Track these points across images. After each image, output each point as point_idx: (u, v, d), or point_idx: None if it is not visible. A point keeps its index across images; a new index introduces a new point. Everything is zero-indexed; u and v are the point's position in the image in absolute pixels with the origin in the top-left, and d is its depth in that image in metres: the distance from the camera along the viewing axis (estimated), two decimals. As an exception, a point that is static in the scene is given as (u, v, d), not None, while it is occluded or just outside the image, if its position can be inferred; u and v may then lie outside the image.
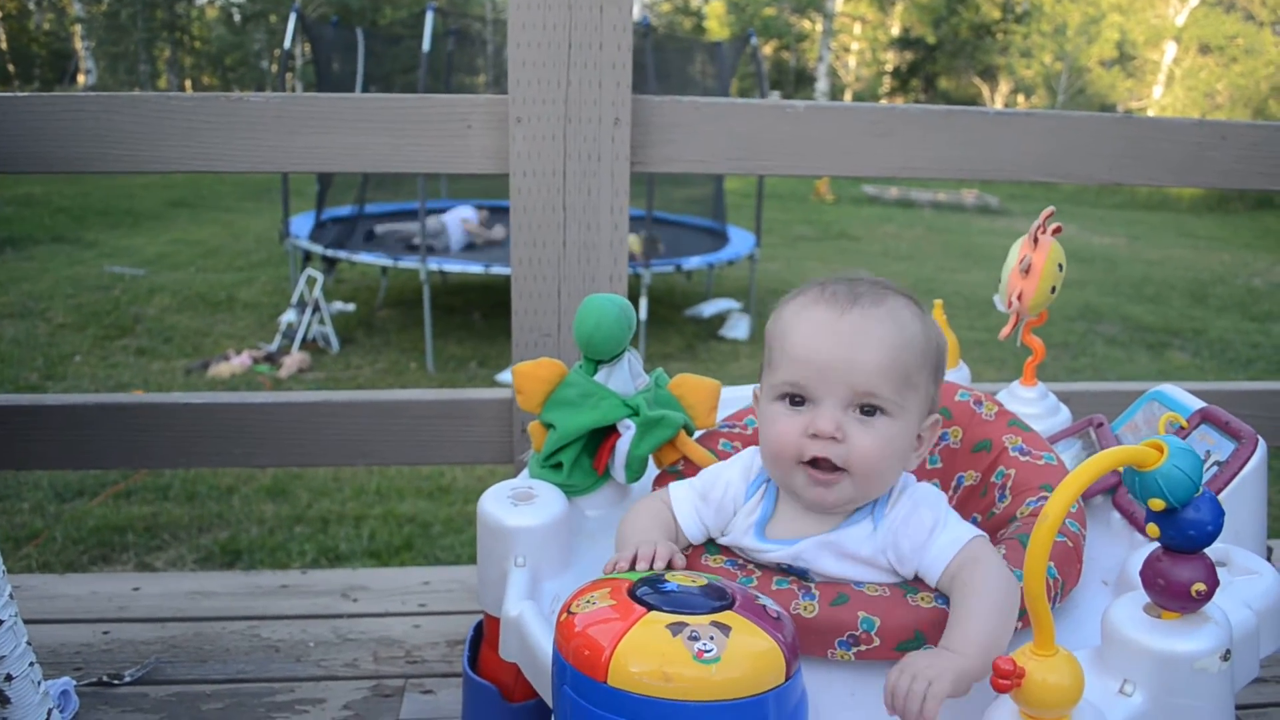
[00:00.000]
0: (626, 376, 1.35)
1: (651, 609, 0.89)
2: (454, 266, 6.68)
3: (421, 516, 3.97)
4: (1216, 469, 1.26)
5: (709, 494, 1.17)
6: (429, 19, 6.54)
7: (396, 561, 3.56)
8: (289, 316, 6.54)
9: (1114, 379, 6.27)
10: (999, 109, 1.95)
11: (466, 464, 2.90)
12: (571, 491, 1.32)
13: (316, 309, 6.51)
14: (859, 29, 27.63)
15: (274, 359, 6.12)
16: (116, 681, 1.78)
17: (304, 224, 7.79)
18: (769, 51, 26.46)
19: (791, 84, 26.75)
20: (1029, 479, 1.23)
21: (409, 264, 6.55)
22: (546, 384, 1.34)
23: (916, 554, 1.06)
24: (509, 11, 1.75)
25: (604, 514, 1.35)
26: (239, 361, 5.99)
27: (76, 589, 2.12)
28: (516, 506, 1.23)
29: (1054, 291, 1.45)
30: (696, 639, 0.85)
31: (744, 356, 6.66)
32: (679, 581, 0.94)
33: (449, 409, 1.95)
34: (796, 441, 1.07)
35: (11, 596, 1.30)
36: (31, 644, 1.33)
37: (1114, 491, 1.33)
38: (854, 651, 1.01)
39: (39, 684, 1.33)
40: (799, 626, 0.99)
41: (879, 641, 1.01)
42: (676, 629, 0.86)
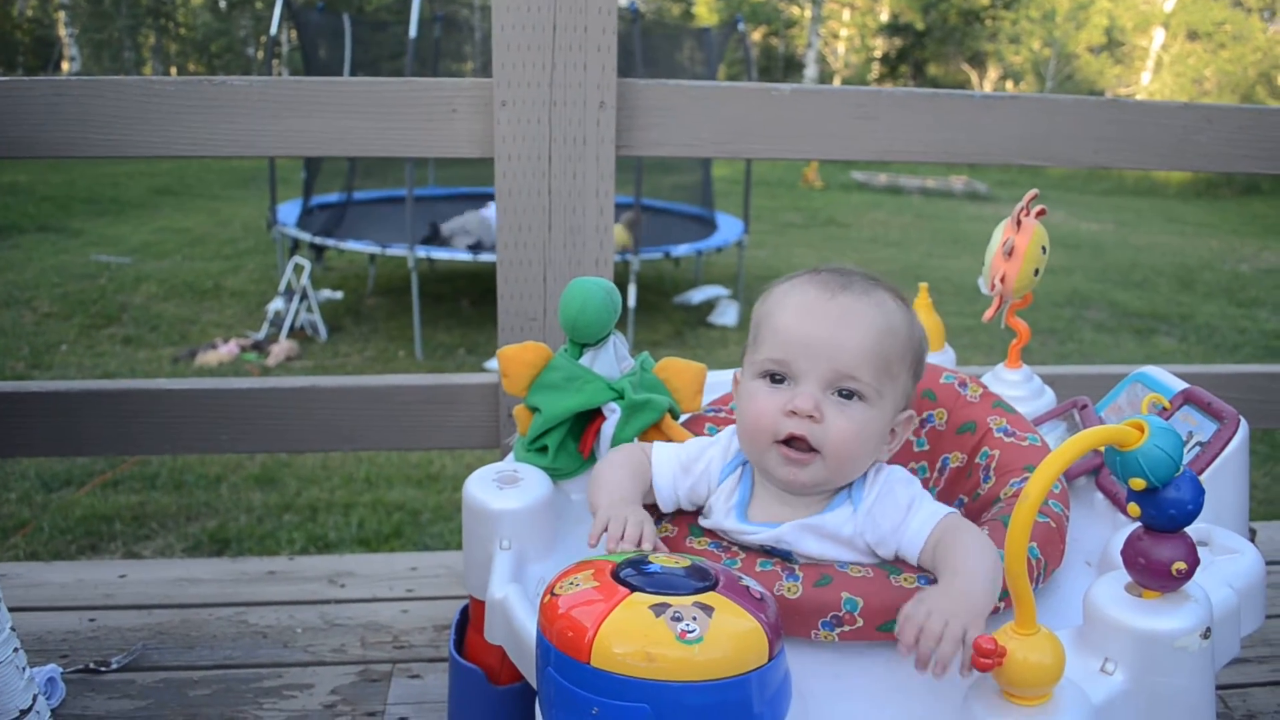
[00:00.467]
0: (612, 360, 1.35)
1: (635, 590, 0.89)
2: (442, 254, 6.65)
3: (410, 504, 3.97)
4: (1199, 449, 1.27)
5: (691, 467, 1.18)
6: (415, 5, 6.49)
7: (385, 549, 3.55)
8: (276, 304, 6.52)
9: (1101, 364, 6.30)
10: (984, 92, 1.95)
11: (453, 449, 2.90)
12: (557, 475, 1.32)
13: (304, 297, 6.48)
14: (848, 15, 27.58)
15: (261, 347, 6.09)
16: (103, 668, 1.77)
17: (291, 211, 7.75)
18: (757, 38, 26.39)
19: (780, 70, 26.70)
20: (1013, 460, 1.24)
21: (397, 251, 6.53)
22: (532, 367, 1.33)
23: (895, 534, 1.07)
24: (494, -6, 1.74)
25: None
26: (226, 350, 5.96)
27: (62, 576, 2.11)
28: (501, 490, 1.23)
29: (1037, 274, 1.45)
30: (679, 620, 0.85)
31: (733, 343, 6.66)
32: (662, 563, 0.95)
33: (435, 394, 1.95)
34: (774, 419, 1.07)
35: (-5, 583, 1.29)
36: (16, 630, 1.33)
37: (1097, 473, 1.33)
38: (837, 632, 1.02)
39: (24, 670, 1.33)
40: (782, 607, 0.99)
41: (862, 622, 1.01)
42: (659, 610, 0.86)
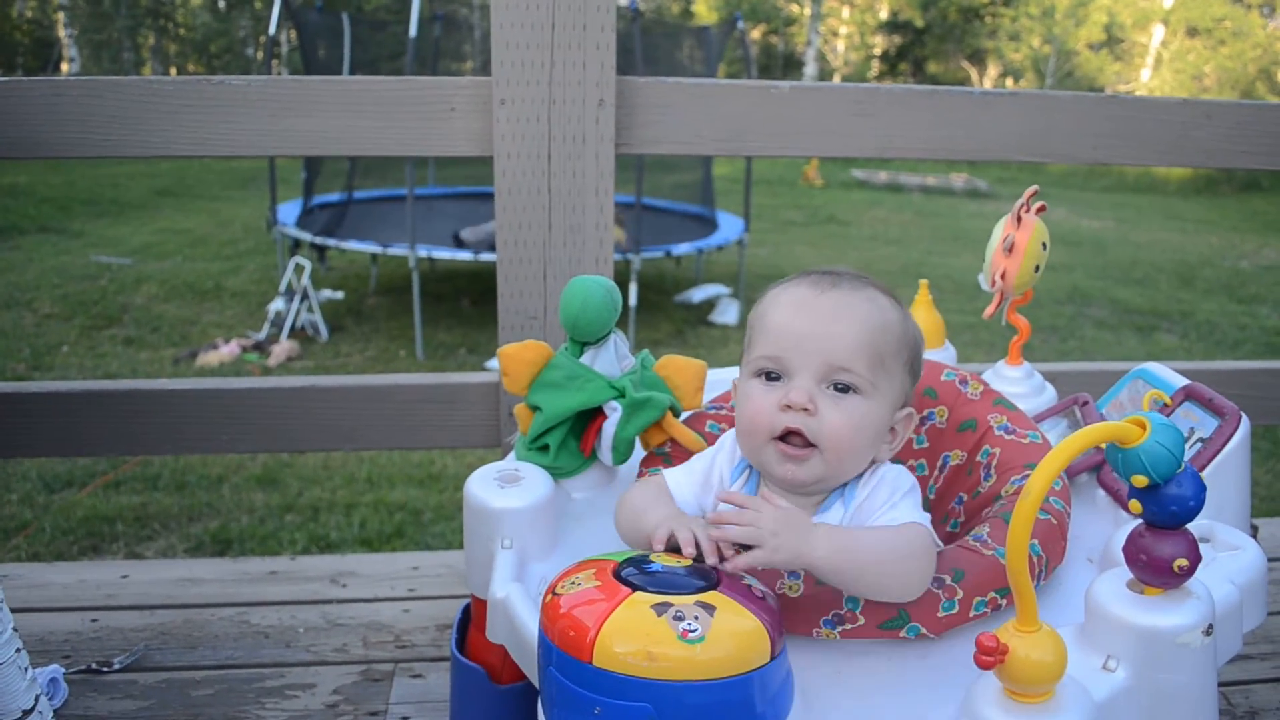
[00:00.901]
0: (612, 358, 1.35)
1: (636, 590, 0.89)
2: (443, 254, 6.65)
3: (412, 504, 3.97)
4: (1200, 446, 1.27)
5: (709, 479, 1.18)
6: (415, 4, 6.49)
7: (387, 549, 3.55)
8: (277, 305, 6.52)
9: (1102, 361, 6.29)
10: (983, 89, 1.94)
11: (453, 448, 2.90)
12: (558, 474, 1.32)
13: (305, 297, 6.48)
14: (847, 13, 27.56)
15: (263, 347, 6.09)
16: (105, 669, 1.78)
17: (291, 211, 7.75)
18: (757, 36, 26.38)
19: (780, 68, 26.68)
20: (1014, 458, 1.24)
21: (398, 251, 6.52)
22: (532, 366, 1.33)
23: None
24: (492, -7, 1.74)
25: (591, 496, 1.35)
26: (227, 350, 5.96)
27: (64, 577, 2.12)
28: (503, 489, 1.23)
29: (1038, 270, 1.45)
30: (681, 619, 0.85)
31: (733, 341, 6.66)
32: (664, 562, 0.95)
33: (436, 393, 1.94)
34: (770, 415, 1.07)
35: (-4, 584, 1.29)
36: (18, 631, 1.33)
37: (1099, 470, 1.33)
38: (839, 630, 1.02)
39: (26, 670, 1.33)
40: (784, 605, 0.99)
41: (864, 620, 1.01)
42: (661, 609, 0.86)
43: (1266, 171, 1.99)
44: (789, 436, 1.07)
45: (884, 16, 27.37)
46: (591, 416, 1.33)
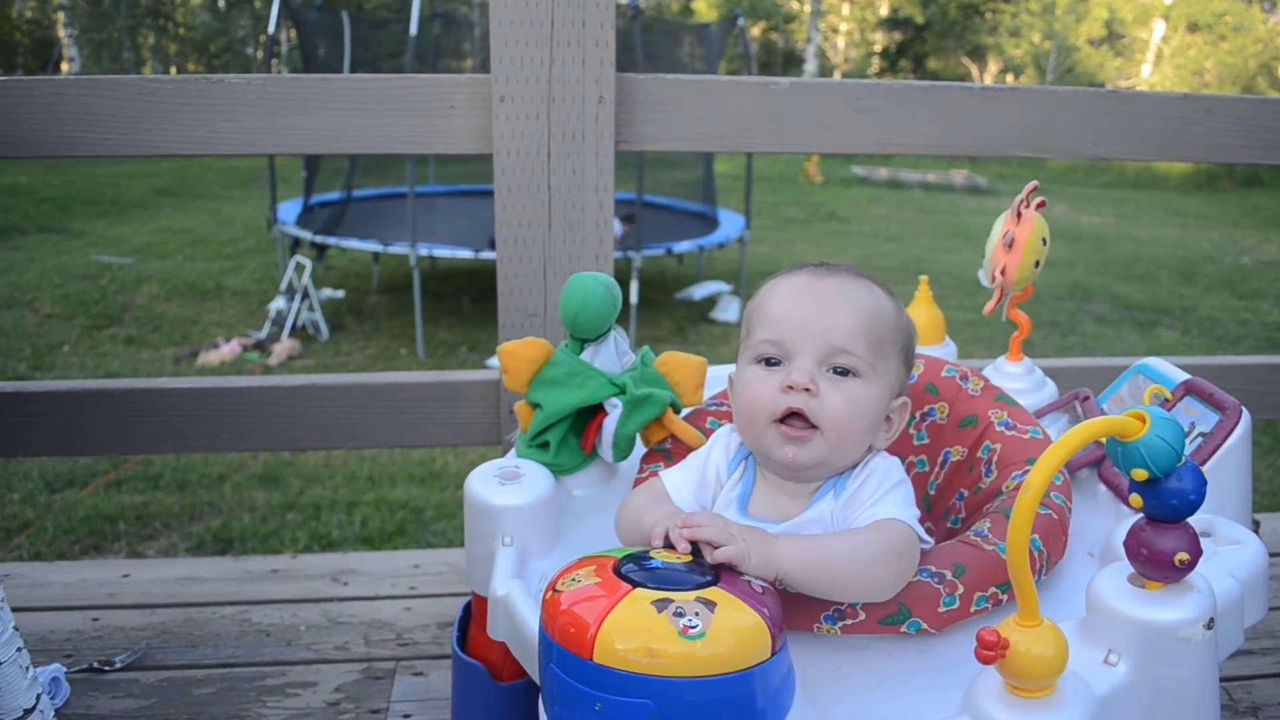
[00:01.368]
0: (613, 355, 1.35)
1: (636, 586, 0.89)
2: (444, 252, 6.65)
3: (414, 502, 3.97)
4: (1201, 440, 1.27)
5: (705, 476, 1.18)
6: (415, 2, 6.48)
7: (389, 547, 3.56)
8: (278, 304, 6.52)
9: (1103, 357, 6.29)
10: (983, 85, 1.94)
11: (454, 446, 2.90)
12: (559, 471, 1.32)
13: (305, 296, 6.48)
14: (847, 9, 27.54)
15: (263, 346, 6.10)
16: (107, 668, 1.78)
17: (291, 210, 7.75)
18: (757, 33, 26.36)
19: (780, 65, 26.66)
20: (1015, 453, 1.24)
21: (399, 249, 6.52)
22: (532, 363, 1.33)
23: (848, 521, 1.07)
24: (491, -10, 1.74)
25: (591, 493, 1.35)
26: (228, 349, 5.96)
27: (66, 576, 2.12)
28: (503, 486, 1.23)
29: (1038, 266, 1.45)
30: (681, 615, 0.85)
31: (734, 338, 6.60)
32: (664, 558, 0.95)
33: (436, 391, 1.94)
34: (771, 398, 1.07)
35: (-2, 583, 1.29)
36: (19, 630, 1.33)
37: (1100, 464, 1.33)
38: (839, 625, 1.02)
39: (27, 669, 1.33)
40: (785, 601, 0.99)
41: (864, 615, 1.01)
42: (661, 605, 0.86)
43: (1267, 166, 1.99)
44: (790, 419, 1.07)
45: (884, 13, 27.35)
46: (592, 413, 1.33)
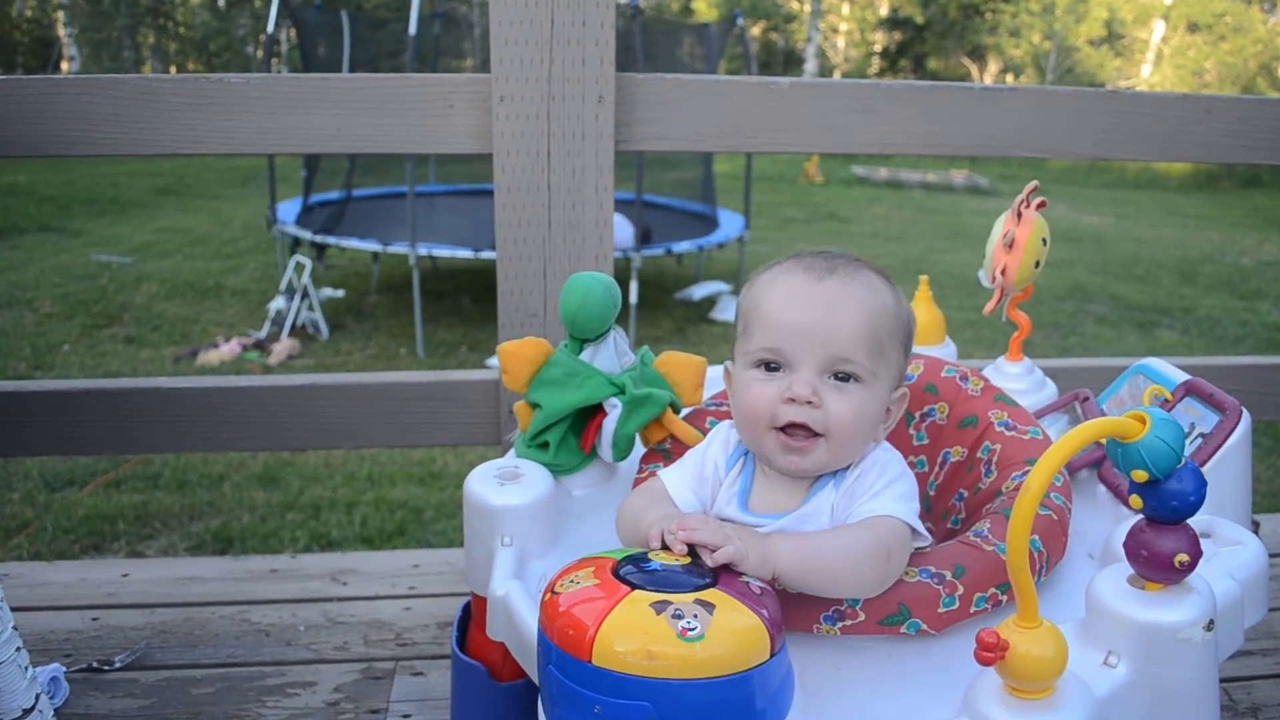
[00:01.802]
0: (612, 355, 1.35)
1: (635, 588, 0.89)
2: (443, 251, 6.65)
3: (413, 502, 3.97)
4: (1201, 441, 1.26)
5: (703, 473, 1.17)
6: (415, 2, 6.48)
7: (389, 547, 3.55)
8: (278, 303, 6.51)
9: (1103, 358, 6.28)
10: (983, 85, 1.94)
11: (454, 445, 2.90)
12: (558, 471, 1.32)
13: (305, 295, 6.48)
14: (847, 9, 27.54)
15: (263, 346, 6.09)
16: (106, 667, 1.77)
17: (291, 210, 7.74)
18: (757, 33, 26.35)
19: (780, 65, 26.64)
20: (1014, 454, 1.23)
21: (399, 249, 6.52)
22: (532, 363, 1.33)
23: (846, 512, 1.07)
24: (491, -10, 1.74)
25: (591, 493, 1.35)
26: (228, 349, 5.96)
27: (65, 576, 2.12)
28: (502, 486, 1.23)
29: (1038, 266, 1.44)
30: (680, 617, 0.85)
31: (734, 338, 6.64)
32: (662, 560, 0.94)
33: (436, 391, 1.94)
34: (771, 406, 1.07)
35: (-4, 583, 1.29)
36: (18, 630, 1.32)
37: (1099, 465, 1.33)
38: (839, 626, 1.02)
39: (26, 669, 1.33)
40: (783, 602, 0.99)
41: (863, 616, 1.01)
42: (660, 607, 0.86)
43: (1267, 167, 1.99)
44: (790, 428, 1.07)
45: (884, 13, 27.34)
46: (591, 413, 1.33)
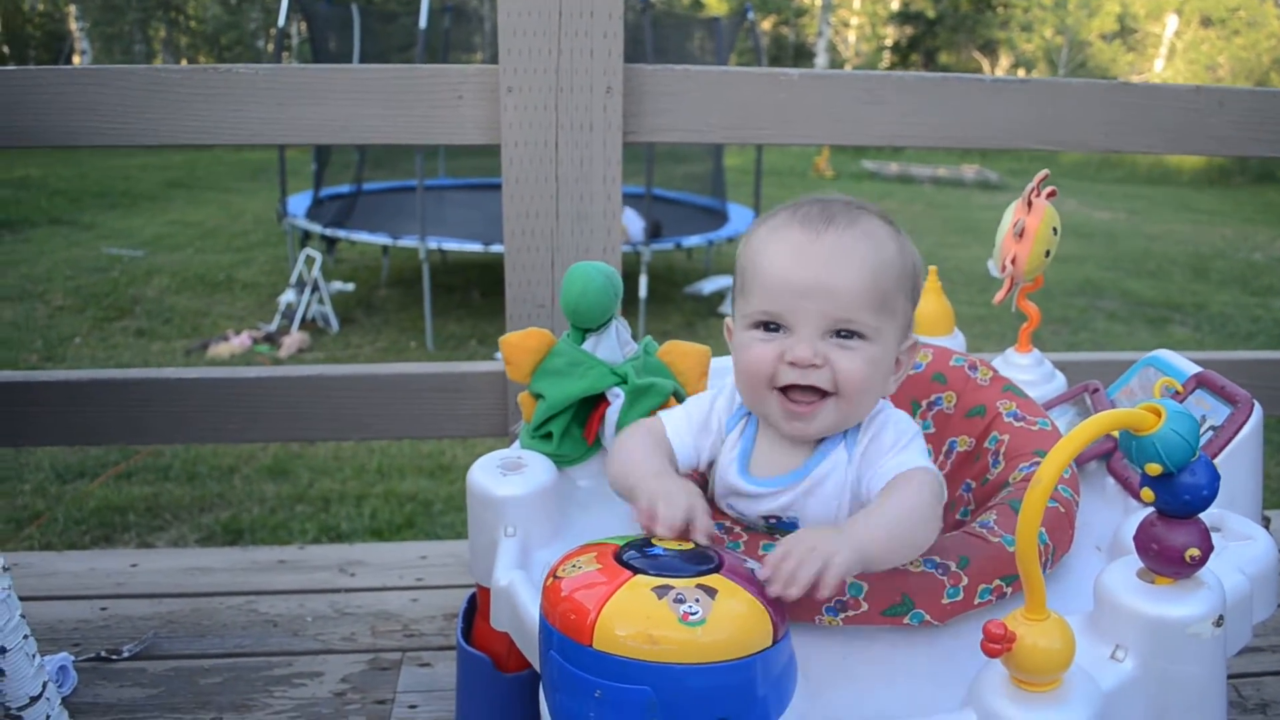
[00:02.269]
0: (614, 344, 1.34)
1: (637, 573, 0.88)
2: (453, 245, 6.65)
3: (423, 495, 3.98)
4: (1211, 434, 1.26)
5: (707, 422, 1.16)
6: (425, -5, 6.48)
7: (397, 540, 3.56)
8: (288, 296, 6.53)
9: (1113, 352, 6.25)
10: (993, 76, 1.93)
11: (462, 437, 2.90)
12: (562, 461, 1.32)
13: (315, 289, 6.49)
14: (858, 3, 27.43)
15: (273, 339, 6.11)
16: (114, 657, 1.78)
17: (301, 203, 7.76)
18: (767, 27, 26.28)
19: (790, 59, 26.55)
20: (1023, 444, 1.23)
21: (408, 243, 6.53)
22: (535, 354, 1.33)
23: (870, 472, 1.05)
24: (499, -20, 1.73)
25: (595, 483, 1.35)
26: (238, 342, 5.98)
27: (74, 566, 2.12)
28: (506, 476, 1.22)
29: (1048, 255, 1.43)
30: (682, 602, 0.85)
31: (744, 333, 6.63)
32: (665, 545, 0.94)
33: (444, 382, 1.94)
34: (771, 366, 1.04)
35: (5, 569, 1.30)
36: (26, 618, 1.33)
37: (1108, 457, 1.32)
38: (841, 617, 1.01)
39: (34, 657, 1.33)
40: (787, 591, 0.98)
41: (866, 606, 1.00)
42: (662, 592, 0.86)
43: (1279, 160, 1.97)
44: (793, 390, 1.05)
45: (895, 7, 27.22)
46: (595, 403, 1.33)
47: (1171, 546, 0.94)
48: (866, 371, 1.04)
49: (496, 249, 6.44)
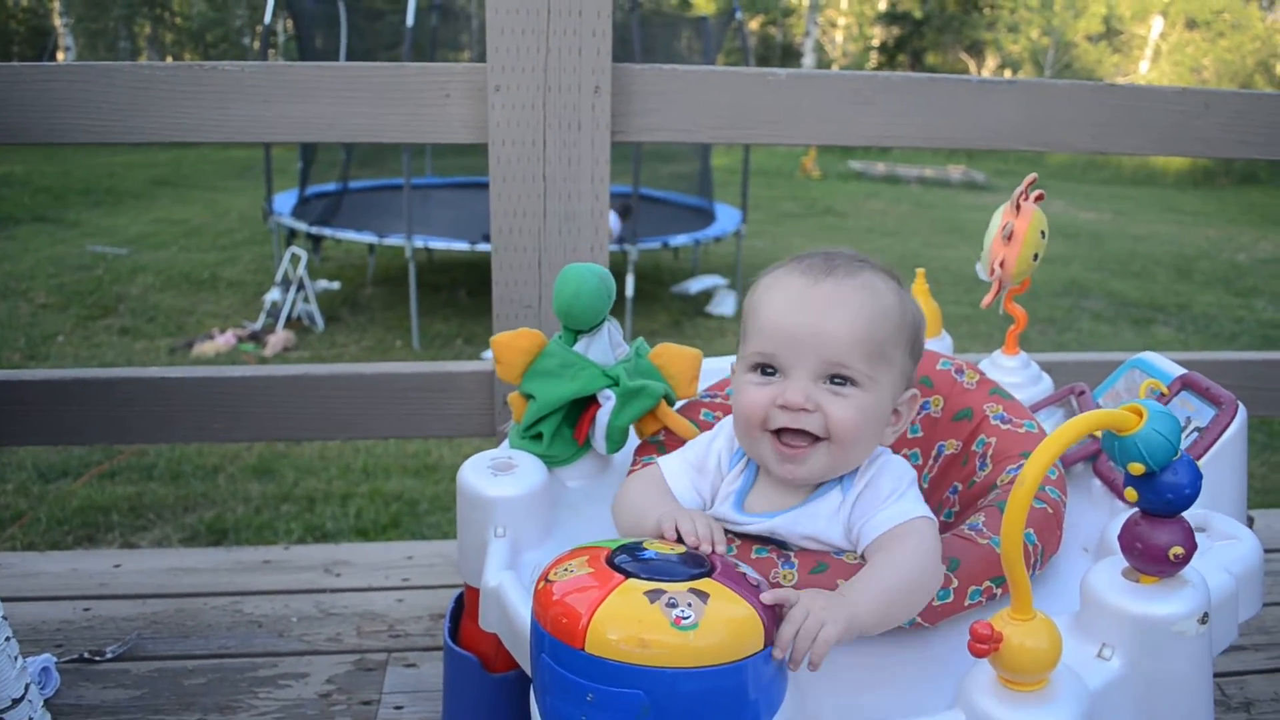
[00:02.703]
0: (606, 346, 1.34)
1: (629, 576, 0.88)
2: (439, 244, 6.63)
3: (408, 494, 3.96)
4: (1196, 435, 1.26)
5: (704, 465, 1.16)
6: (412, -7, 6.45)
7: (383, 539, 3.55)
8: (273, 295, 6.50)
9: (1099, 353, 6.28)
10: (981, 77, 1.93)
11: (448, 437, 2.89)
12: (552, 462, 1.32)
13: (301, 287, 6.46)
14: (845, 3, 27.49)
15: (259, 338, 6.08)
16: (98, 658, 1.77)
17: (287, 201, 7.72)
18: (755, 27, 26.29)
19: (778, 59, 26.60)
20: (1010, 447, 1.23)
21: (395, 241, 6.51)
22: (526, 354, 1.33)
23: (863, 521, 1.05)
24: (487, -22, 1.73)
25: (585, 484, 1.35)
26: (223, 340, 5.95)
27: (57, 566, 2.11)
28: (496, 476, 1.22)
29: (1036, 259, 1.44)
30: (674, 606, 0.85)
31: (730, 333, 6.65)
32: (657, 549, 0.94)
33: (430, 382, 1.94)
34: (764, 409, 1.05)
35: (-14, 571, 1.29)
36: (9, 620, 1.32)
37: (1095, 459, 1.33)
38: (834, 618, 1.01)
39: (16, 659, 1.32)
40: (777, 593, 0.98)
41: (859, 608, 1.00)
42: (654, 596, 0.86)
43: (1264, 162, 1.99)
44: (784, 434, 1.06)
45: (882, 7, 27.30)
46: (585, 405, 1.33)
47: (1155, 545, 0.95)
48: (858, 419, 1.04)
49: (483, 248, 6.42)
